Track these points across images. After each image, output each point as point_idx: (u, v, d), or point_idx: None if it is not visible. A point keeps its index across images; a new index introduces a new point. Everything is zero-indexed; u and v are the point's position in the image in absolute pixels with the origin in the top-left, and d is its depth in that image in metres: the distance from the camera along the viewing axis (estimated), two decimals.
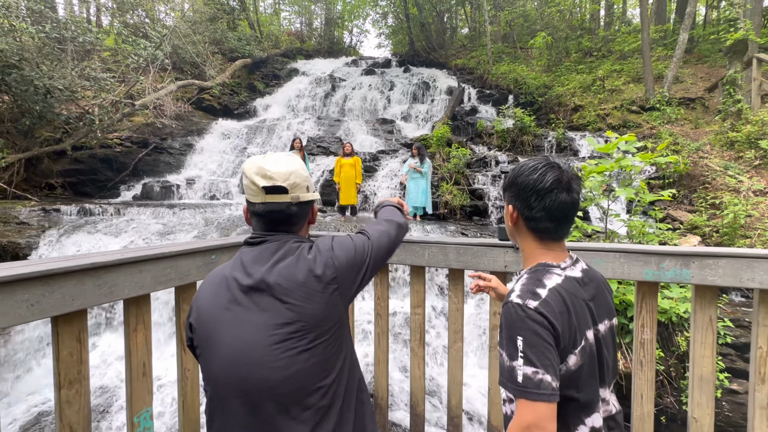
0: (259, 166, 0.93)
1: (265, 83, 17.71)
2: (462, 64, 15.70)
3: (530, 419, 0.79)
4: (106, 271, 1.24)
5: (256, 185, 0.92)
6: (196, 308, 0.90)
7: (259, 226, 0.96)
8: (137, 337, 1.40)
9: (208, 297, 0.89)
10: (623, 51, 12.43)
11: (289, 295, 0.85)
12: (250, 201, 0.96)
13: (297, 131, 11.85)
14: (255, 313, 0.85)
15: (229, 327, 0.85)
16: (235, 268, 0.91)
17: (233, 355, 0.83)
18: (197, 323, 0.89)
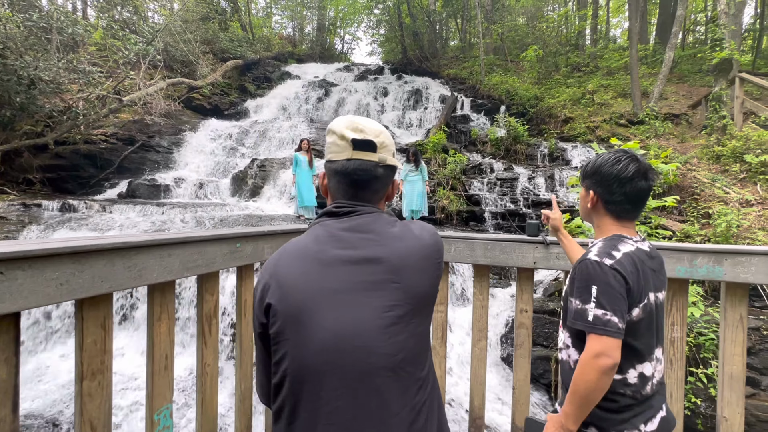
0: (350, 119, 0.84)
1: (257, 85, 17.56)
2: (454, 74, 15.93)
3: (598, 349, 0.98)
4: (137, 252, 1.15)
5: (344, 139, 0.81)
6: (278, 287, 0.73)
7: (340, 190, 0.84)
8: (161, 328, 1.30)
9: (296, 274, 0.74)
10: (610, 67, 12.86)
11: (400, 273, 0.76)
12: (331, 160, 0.84)
13: (291, 134, 11.73)
14: (360, 292, 0.73)
15: (329, 307, 0.72)
16: (325, 242, 0.77)
17: (336, 339, 0.70)
18: (282, 304, 0.72)
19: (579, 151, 8.64)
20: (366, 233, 0.79)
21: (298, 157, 7.07)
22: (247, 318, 1.74)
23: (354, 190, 0.83)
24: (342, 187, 0.83)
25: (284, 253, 0.79)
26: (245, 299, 1.73)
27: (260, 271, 0.80)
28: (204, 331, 1.50)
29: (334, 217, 0.82)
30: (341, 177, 0.83)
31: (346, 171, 0.81)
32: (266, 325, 0.75)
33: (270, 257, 0.81)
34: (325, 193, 0.90)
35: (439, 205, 7.00)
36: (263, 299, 0.75)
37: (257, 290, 0.78)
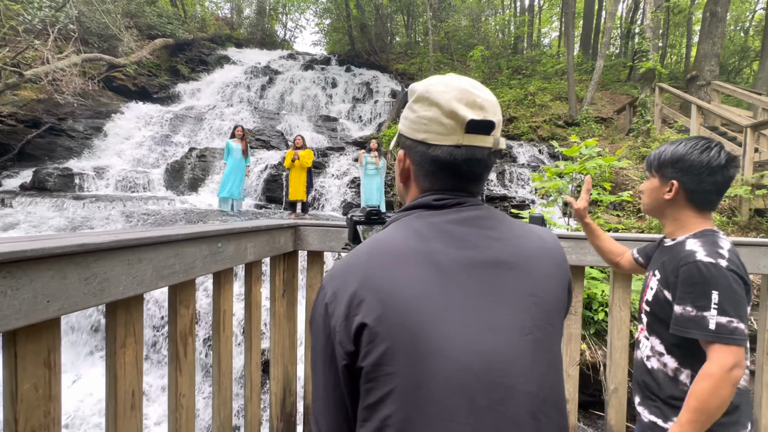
0: (462, 89, 0.59)
1: (191, 68, 16.07)
2: (403, 69, 15.98)
3: (733, 360, 0.90)
4: (97, 257, 0.83)
5: (455, 117, 0.57)
6: (378, 301, 0.51)
7: (438, 181, 0.62)
8: (126, 356, 0.99)
9: (402, 282, 0.53)
10: (546, 72, 13.79)
11: (535, 283, 0.58)
12: (427, 142, 0.60)
13: (232, 122, 10.86)
14: (491, 307, 0.54)
15: (456, 330, 0.52)
16: (433, 239, 0.56)
17: (468, 375, 0.51)
18: (386, 325, 0.50)
19: (525, 149, 9.12)
20: (485, 228, 0.59)
21: (230, 144, 6.51)
22: (226, 333, 1.44)
23: (461, 182, 0.62)
24: (442, 177, 0.62)
25: (374, 254, 0.56)
26: (224, 310, 1.44)
27: (333, 279, 0.56)
28: (178, 354, 1.19)
29: (434, 209, 0.61)
30: (441, 167, 0.60)
31: (453, 162, 0.59)
32: (356, 353, 0.52)
33: (347, 259, 0.58)
34: (404, 179, 0.67)
35: (396, 200, 6.91)
36: (351, 318, 0.52)
37: (336, 305, 0.54)
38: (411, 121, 0.62)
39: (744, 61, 20.58)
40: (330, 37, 24.92)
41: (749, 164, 5.59)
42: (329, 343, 0.54)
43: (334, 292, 0.55)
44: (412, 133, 0.62)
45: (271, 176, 7.81)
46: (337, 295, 0.54)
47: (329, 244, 1.90)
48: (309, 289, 1.99)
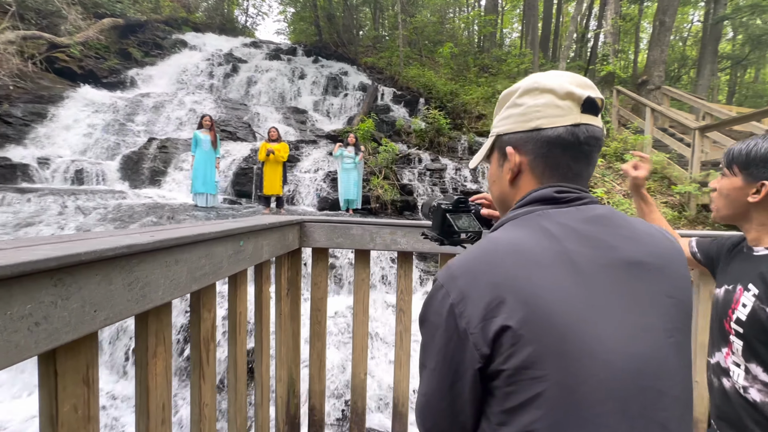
0: (570, 74, 0.62)
1: (144, 52, 14.94)
2: (372, 62, 15.84)
3: None
4: (139, 260, 0.75)
5: (571, 97, 0.59)
6: (521, 303, 0.49)
7: (558, 168, 0.61)
8: (157, 367, 0.90)
9: (545, 284, 0.51)
10: (511, 71, 14.26)
11: (671, 282, 0.57)
12: (541, 128, 0.60)
13: (194, 111, 10.26)
14: (634, 308, 0.53)
15: (605, 331, 0.50)
16: (566, 238, 0.55)
17: (622, 378, 0.49)
18: (532, 328, 0.49)
19: None
20: (616, 227, 0.58)
21: (198, 135, 6.15)
22: (241, 336, 1.37)
23: (579, 167, 0.61)
24: (563, 163, 0.61)
25: (506, 253, 0.54)
26: (240, 312, 1.36)
27: (456, 278, 0.54)
28: (201, 360, 1.11)
29: (556, 204, 0.60)
30: (562, 150, 0.60)
31: (575, 141, 0.59)
32: (492, 356, 0.50)
33: (470, 258, 0.55)
34: (513, 177, 0.65)
35: (374, 195, 6.89)
36: (489, 320, 0.50)
37: (467, 306, 0.52)
38: (518, 115, 0.63)
39: (683, 69, 22.49)
40: (295, 27, 24.15)
41: (697, 163, 6.12)
42: (455, 345, 0.53)
43: (462, 292, 0.52)
44: (521, 125, 0.62)
45: (241, 169, 7.48)
46: (466, 295, 0.52)
47: (337, 240, 1.85)
48: (314, 287, 1.93)
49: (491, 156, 0.71)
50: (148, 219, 5.10)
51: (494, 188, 0.71)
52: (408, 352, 1.91)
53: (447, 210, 0.88)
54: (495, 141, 0.69)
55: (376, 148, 7.87)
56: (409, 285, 1.91)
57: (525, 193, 0.64)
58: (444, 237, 0.89)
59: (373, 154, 7.82)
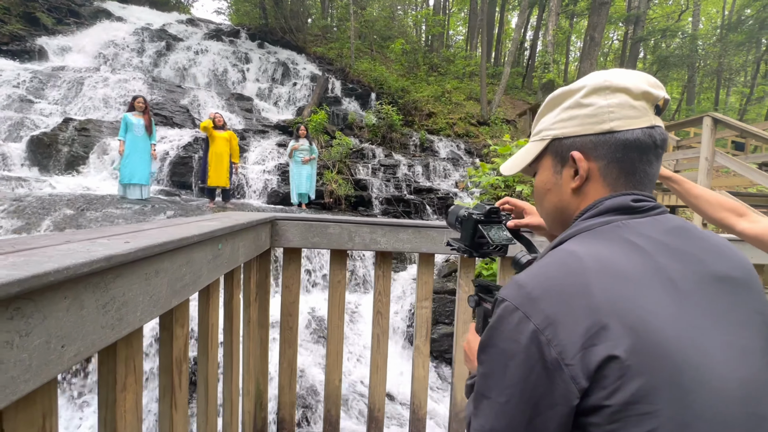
0: (640, 73, 0.58)
1: (57, 18, 13.01)
2: (322, 53, 15.39)
3: None
4: (116, 275, 0.59)
5: (647, 97, 0.55)
6: (628, 329, 0.44)
7: (635, 173, 0.57)
8: (126, 402, 0.74)
9: (650, 306, 0.46)
10: (458, 72, 14.75)
11: (758, 298, 0.54)
12: (617, 130, 0.55)
13: (121, 91, 9.14)
14: (732, 328, 0.49)
15: (715, 357, 0.46)
16: (658, 253, 0.50)
17: (739, 409, 0.45)
18: (644, 358, 0.43)
19: (444, 144, 9.64)
20: (696, 239, 0.54)
21: (128, 118, 5.41)
22: (213, 352, 1.20)
23: (653, 172, 0.58)
24: (640, 168, 0.56)
25: (598, 272, 0.48)
26: (212, 324, 1.19)
27: (538, 301, 0.48)
28: (173, 385, 0.93)
29: (634, 214, 0.55)
30: (639, 154, 0.56)
31: (653, 144, 0.55)
32: (590, 390, 0.44)
33: (549, 277, 0.49)
34: (578, 184, 0.59)
35: (327, 189, 6.68)
36: (589, 348, 0.44)
37: (558, 332, 0.45)
38: (585, 116, 0.58)
39: None
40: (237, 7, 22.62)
41: None
42: (538, 376, 0.46)
43: (548, 317, 0.46)
44: (591, 127, 0.57)
45: (180, 158, 6.81)
46: (556, 320, 0.46)
47: (312, 240, 1.72)
48: (285, 291, 1.78)
49: (540, 162, 0.65)
50: (65, 211, 4.43)
51: (550, 197, 0.64)
52: (385, 356, 1.85)
53: (479, 221, 0.83)
54: (548, 146, 0.62)
55: (329, 141, 7.64)
56: (387, 286, 1.84)
57: (592, 201, 0.58)
58: (473, 249, 0.84)
59: (326, 148, 7.59)
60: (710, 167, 5.13)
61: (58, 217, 4.34)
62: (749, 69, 20.12)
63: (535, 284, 0.49)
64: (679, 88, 25.90)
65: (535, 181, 0.67)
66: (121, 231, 0.79)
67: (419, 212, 6.89)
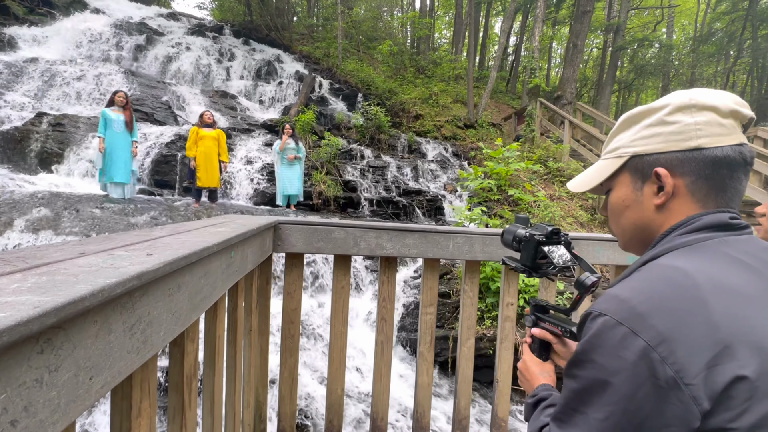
0: (726, 92, 0.58)
1: (28, 8, 12.40)
2: (308, 52, 15.20)
3: None
4: (142, 293, 0.53)
5: (736, 116, 0.56)
6: (754, 350, 0.44)
7: (723, 193, 0.57)
8: (141, 429, 0.67)
9: (765, 321, 0.45)
10: (445, 75, 14.85)
11: None
12: (705, 147, 0.56)
13: (99, 85, 8.78)
14: None
15: None
16: (763, 270, 0.50)
17: None
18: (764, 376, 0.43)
19: (432, 146, 9.67)
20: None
21: (107, 114, 5.17)
22: (219, 365, 1.13)
23: (743, 189, 0.58)
24: (730, 185, 0.56)
25: (713, 289, 0.47)
26: (218, 336, 1.12)
27: (648, 317, 0.46)
28: (183, 404, 0.87)
29: (733, 231, 0.55)
30: (729, 171, 0.56)
31: (743, 161, 0.56)
32: (712, 412, 0.43)
33: (659, 294, 0.48)
34: (663, 201, 0.59)
35: (316, 190, 6.57)
36: (715, 368, 0.43)
37: (676, 349, 0.44)
38: (670, 133, 0.58)
39: (584, 88, 25.71)
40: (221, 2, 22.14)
41: None
42: (647, 395, 0.44)
43: (662, 334, 0.45)
44: (677, 144, 0.58)
45: (162, 157, 6.58)
46: (672, 337, 0.44)
47: (317, 245, 1.67)
48: (287, 297, 1.72)
49: (615, 179, 0.65)
50: (41, 210, 4.20)
51: (628, 214, 0.64)
52: (389, 363, 1.81)
53: (541, 242, 0.83)
54: (627, 162, 0.63)
55: (317, 142, 7.54)
56: (392, 292, 1.80)
57: (680, 218, 0.58)
58: (534, 269, 0.84)
59: (314, 148, 7.49)
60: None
61: (34, 218, 4.10)
62: (719, 79, 21.08)
63: (642, 299, 0.48)
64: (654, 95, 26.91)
65: (611, 197, 0.67)
66: (134, 239, 0.73)
67: (408, 214, 6.88)
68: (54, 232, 4.04)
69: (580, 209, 7.25)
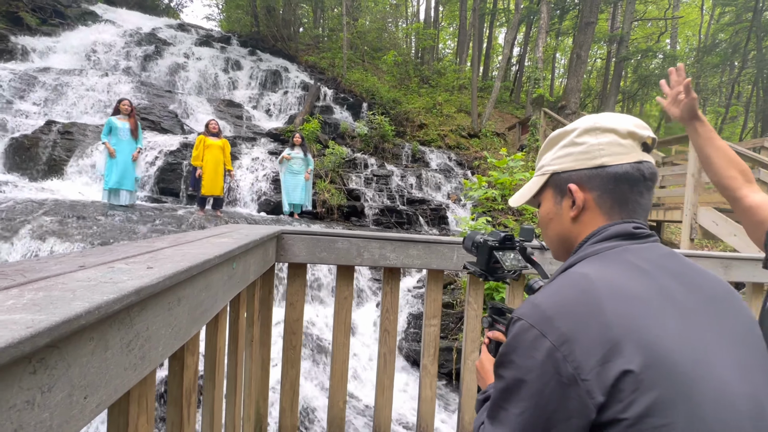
0: (627, 116, 0.66)
1: (41, 19, 12.69)
2: (313, 62, 15.40)
3: None
4: (141, 307, 0.52)
5: (633, 137, 0.63)
6: (640, 347, 0.47)
7: (627, 203, 0.63)
8: None
9: (654, 322, 0.49)
10: (449, 85, 14.95)
11: (749, 317, 0.58)
12: (608, 165, 0.62)
13: (108, 94, 8.92)
14: (732, 346, 0.52)
15: (722, 353, 0.50)
16: (661, 276, 0.54)
17: (747, 408, 0.48)
18: (656, 372, 0.46)
19: (436, 155, 9.69)
20: (687, 264, 0.59)
21: (113, 122, 5.25)
22: (219, 378, 1.11)
23: (645, 202, 0.64)
24: (631, 198, 0.63)
25: (609, 293, 0.51)
26: (219, 348, 1.11)
27: (553, 320, 0.50)
28: (182, 419, 0.85)
29: (636, 240, 0.61)
30: (630, 186, 0.62)
31: (642, 177, 0.62)
32: (606, 404, 0.46)
33: (563, 298, 0.53)
34: (576, 214, 0.65)
35: (320, 199, 6.58)
36: (606, 364, 0.46)
37: (575, 348, 0.48)
38: (579, 153, 0.65)
39: (588, 98, 25.76)
40: (229, 14, 22.56)
41: None
42: (553, 391, 0.48)
43: (564, 335, 0.49)
44: (584, 162, 0.64)
45: (168, 164, 6.63)
46: (572, 338, 0.48)
47: (319, 255, 1.66)
48: (289, 308, 1.71)
49: (542, 194, 0.71)
50: (48, 218, 4.23)
51: (552, 225, 0.70)
52: (392, 376, 1.78)
53: (493, 247, 0.87)
54: (549, 179, 0.69)
55: (321, 150, 7.58)
56: (395, 303, 1.78)
57: (592, 229, 0.64)
58: (489, 272, 0.88)
59: (319, 157, 7.53)
60: (697, 183, 5.27)
61: (40, 225, 4.13)
62: (724, 90, 21.05)
63: (550, 304, 0.52)
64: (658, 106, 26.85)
65: (540, 211, 0.73)
66: (135, 251, 0.72)
67: (412, 223, 6.86)
68: (59, 239, 4.06)
69: None
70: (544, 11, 10.15)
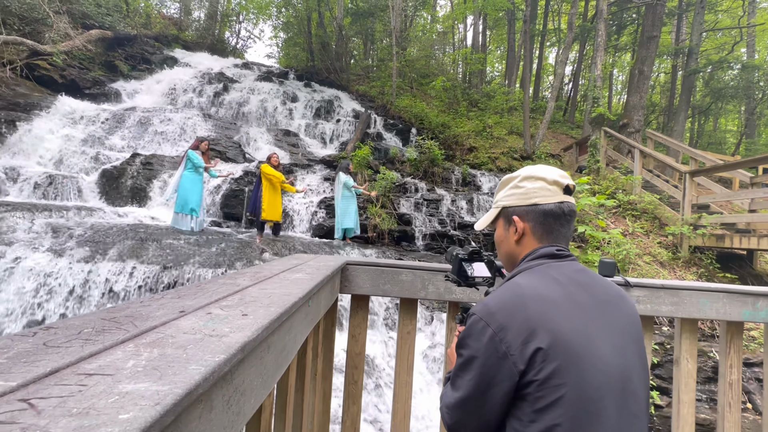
0: (553, 168, 0.90)
1: (132, 65, 14.60)
2: (364, 90, 16.02)
3: None
4: (239, 361, 0.50)
5: (557, 184, 0.86)
6: (548, 331, 0.70)
7: (552, 232, 0.86)
8: None
9: (560, 316, 0.72)
10: (498, 107, 14.73)
11: (631, 314, 0.82)
12: (538, 203, 0.86)
13: (183, 127, 9.89)
14: (616, 333, 0.76)
15: (604, 337, 0.73)
16: (570, 284, 0.78)
17: (617, 374, 0.71)
18: (557, 348, 0.69)
19: (487, 178, 9.46)
20: (591, 277, 0.82)
21: (193, 156, 5.81)
22: (289, 414, 1.09)
23: (565, 231, 0.87)
24: (555, 228, 0.86)
25: (532, 297, 0.75)
26: (289, 385, 1.08)
27: (494, 314, 0.74)
28: None
29: (557, 259, 0.84)
30: (554, 219, 0.86)
31: (563, 212, 0.86)
32: (526, 371, 0.69)
33: (501, 299, 0.76)
34: (518, 238, 0.88)
35: (371, 224, 6.65)
36: (526, 344, 0.70)
37: (506, 334, 0.71)
38: (521, 194, 0.88)
39: (652, 115, 24.01)
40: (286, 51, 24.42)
41: (688, 206, 6.28)
42: (493, 363, 0.71)
43: (501, 324, 0.72)
44: (524, 200, 0.87)
45: (231, 191, 7.12)
46: (505, 326, 0.71)
47: (383, 287, 1.62)
48: (351, 340, 1.66)
49: (497, 222, 0.95)
50: (128, 241, 4.66)
51: (503, 246, 0.93)
52: (408, 399, 1.65)
53: (463, 258, 1.06)
54: (501, 212, 0.93)
55: (372, 176, 7.72)
56: (413, 325, 1.68)
57: (529, 250, 0.86)
58: (461, 280, 1.06)
59: (370, 182, 7.66)
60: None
61: (122, 247, 4.56)
62: None
63: (493, 304, 0.75)
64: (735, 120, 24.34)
65: (495, 235, 0.96)
66: (225, 291, 0.72)
67: None
68: (138, 260, 4.45)
69: (659, 246, 6.53)
70: (601, 28, 9.76)
